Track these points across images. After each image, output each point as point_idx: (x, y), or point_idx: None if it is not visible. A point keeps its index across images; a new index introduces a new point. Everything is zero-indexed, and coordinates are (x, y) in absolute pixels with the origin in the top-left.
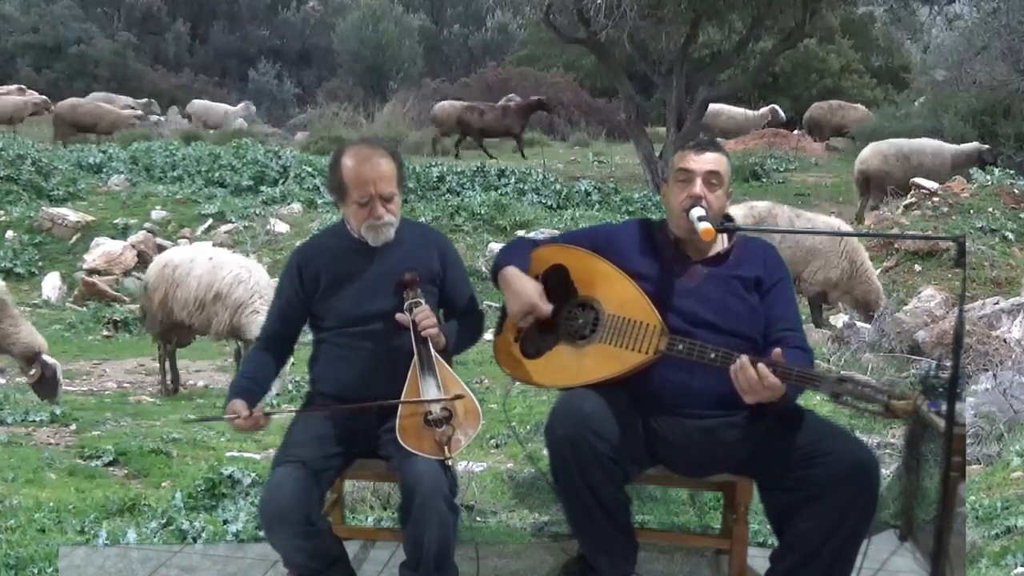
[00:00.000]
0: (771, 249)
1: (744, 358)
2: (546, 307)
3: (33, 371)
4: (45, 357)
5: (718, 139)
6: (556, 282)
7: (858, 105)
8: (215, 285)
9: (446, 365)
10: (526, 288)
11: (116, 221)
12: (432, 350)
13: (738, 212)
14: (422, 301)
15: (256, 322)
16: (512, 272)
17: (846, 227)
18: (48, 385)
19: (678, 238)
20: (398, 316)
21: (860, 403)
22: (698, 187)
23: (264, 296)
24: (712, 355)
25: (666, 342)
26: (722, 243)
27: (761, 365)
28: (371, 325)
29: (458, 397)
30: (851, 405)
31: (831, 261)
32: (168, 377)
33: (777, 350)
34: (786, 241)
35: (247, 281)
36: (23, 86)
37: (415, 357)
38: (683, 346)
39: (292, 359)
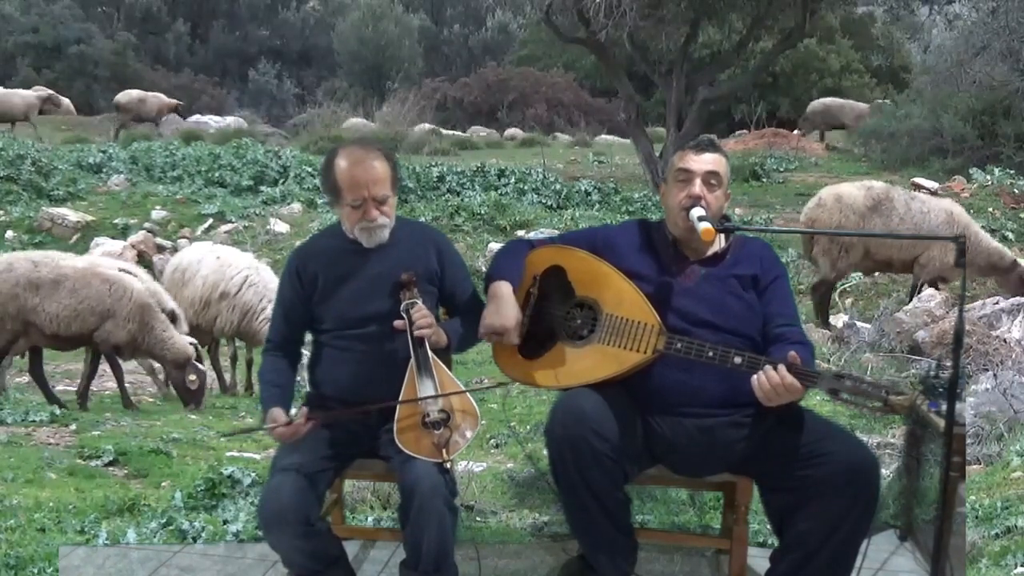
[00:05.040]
0: (767, 248)
1: (768, 368)
2: (515, 339)
3: (193, 377)
4: (196, 363)
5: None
6: (554, 283)
7: None
8: (221, 285)
9: (444, 367)
10: (506, 310)
11: (116, 221)
12: (429, 352)
13: (858, 192)
14: (418, 302)
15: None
16: (503, 289)
17: (958, 208)
18: (199, 391)
19: (676, 238)
20: (396, 323)
21: (858, 399)
22: (697, 187)
23: (273, 300)
24: (710, 353)
25: (664, 341)
26: (719, 243)
27: (781, 367)
28: (369, 327)
29: (454, 393)
30: (849, 402)
31: (949, 243)
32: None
33: (792, 352)
34: (904, 224)
35: (257, 284)
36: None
37: (412, 359)
38: (681, 345)
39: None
